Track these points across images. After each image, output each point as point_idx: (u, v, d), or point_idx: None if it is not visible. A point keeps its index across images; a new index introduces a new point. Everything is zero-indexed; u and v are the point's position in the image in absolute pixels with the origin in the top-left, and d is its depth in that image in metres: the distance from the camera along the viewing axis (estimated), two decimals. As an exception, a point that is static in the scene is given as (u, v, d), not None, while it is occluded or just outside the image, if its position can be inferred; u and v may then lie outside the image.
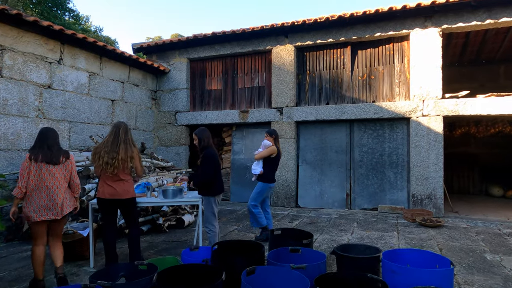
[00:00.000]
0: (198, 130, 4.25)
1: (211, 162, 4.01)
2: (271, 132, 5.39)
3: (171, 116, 8.97)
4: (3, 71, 5.53)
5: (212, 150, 4.11)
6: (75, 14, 25.86)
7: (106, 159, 3.66)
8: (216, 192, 4.11)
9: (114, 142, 3.73)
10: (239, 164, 8.52)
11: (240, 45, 8.25)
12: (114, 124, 3.86)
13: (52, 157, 3.37)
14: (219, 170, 4.15)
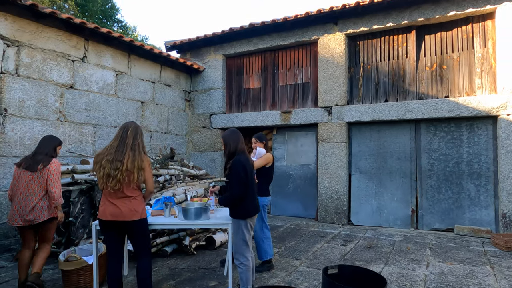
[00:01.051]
0: (226, 132, 3.32)
1: (240, 175, 3.04)
2: (261, 137, 4.38)
3: (206, 119, 8.18)
4: (19, 70, 5.01)
5: (243, 157, 3.14)
6: (123, 25, 26.63)
7: (108, 170, 2.82)
8: (247, 213, 3.12)
9: (119, 148, 2.89)
10: (281, 172, 7.49)
11: (281, 37, 7.25)
12: (121, 126, 3.03)
13: (33, 164, 3.38)
14: (252, 184, 3.16)
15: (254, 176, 3.24)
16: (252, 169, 3.24)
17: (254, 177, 3.24)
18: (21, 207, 3.31)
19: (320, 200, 6.78)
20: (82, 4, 21.39)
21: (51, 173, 3.36)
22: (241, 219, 3.11)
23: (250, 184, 3.13)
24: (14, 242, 4.90)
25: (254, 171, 3.28)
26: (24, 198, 3.32)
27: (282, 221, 6.88)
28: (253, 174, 3.23)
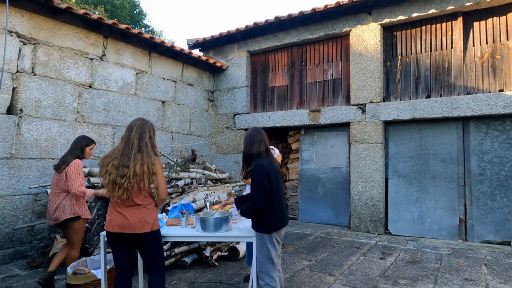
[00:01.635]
0: (248, 131, 2.86)
1: (262, 182, 2.57)
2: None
3: (229, 119, 7.79)
4: (36, 68, 4.81)
5: (266, 160, 2.67)
6: (150, 29, 27.04)
7: (114, 176, 2.44)
8: (272, 226, 2.65)
9: (126, 152, 2.50)
10: (309, 175, 6.96)
11: (309, 30, 6.75)
12: (128, 124, 2.64)
13: (60, 164, 3.54)
14: (278, 192, 2.68)
15: (280, 182, 2.75)
16: (278, 174, 2.75)
17: (280, 183, 2.75)
18: (50, 206, 3.51)
19: (353, 206, 6.19)
20: (111, 11, 21.82)
21: (68, 173, 3.43)
22: (265, 233, 2.65)
23: (275, 192, 2.65)
24: (30, 249, 4.69)
25: (280, 176, 2.80)
26: (52, 198, 3.52)
27: (312, 229, 6.35)
28: (279, 180, 2.74)
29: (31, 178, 4.73)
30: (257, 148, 2.71)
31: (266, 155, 2.73)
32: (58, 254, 3.62)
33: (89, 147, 3.74)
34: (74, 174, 3.41)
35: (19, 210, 4.61)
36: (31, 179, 4.73)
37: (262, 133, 2.79)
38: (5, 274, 4.10)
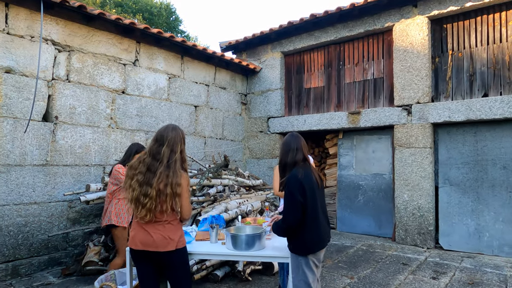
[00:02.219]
0: (285, 137, 2.57)
1: (294, 196, 2.28)
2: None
3: (263, 123, 7.52)
4: (70, 75, 4.83)
5: (302, 171, 2.37)
6: (186, 35, 27.65)
7: (137, 194, 2.23)
8: (307, 248, 2.34)
9: (151, 167, 2.26)
10: (348, 182, 6.51)
11: (348, 27, 6.32)
12: (156, 133, 2.40)
13: (111, 170, 3.74)
14: (315, 209, 2.35)
15: (318, 196, 2.40)
16: (316, 187, 2.41)
17: (318, 198, 2.39)
18: (103, 211, 3.75)
19: (398, 217, 5.67)
20: (149, 18, 22.50)
21: (112, 176, 3.64)
22: (300, 255, 2.33)
23: (310, 208, 2.32)
24: (64, 255, 4.69)
25: (319, 190, 2.46)
26: (105, 203, 3.75)
27: (352, 240, 5.90)
28: (317, 194, 2.38)
29: (65, 185, 4.74)
30: (293, 156, 2.43)
31: (303, 165, 2.43)
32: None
33: (138, 154, 3.67)
34: (112, 180, 3.67)
35: (54, 217, 4.63)
36: (66, 186, 4.74)
37: (300, 140, 2.51)
38: (39, 282, 4.10)
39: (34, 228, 4.44)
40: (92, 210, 5.00)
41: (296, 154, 2.44)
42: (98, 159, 5.10)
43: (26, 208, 4.36)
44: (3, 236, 4.18)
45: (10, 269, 4.19)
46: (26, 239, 4.37)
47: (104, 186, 4.60)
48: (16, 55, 4.31)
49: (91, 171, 5.03)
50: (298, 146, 2.46)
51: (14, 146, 4.26)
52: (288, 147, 2.47)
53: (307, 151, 2.55)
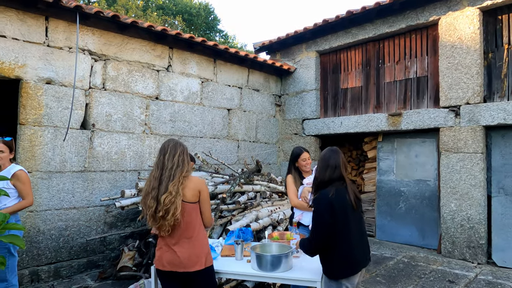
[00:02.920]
0: (323, 151, 2.44)
1: (322, 216, 2.18)
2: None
3: (298, 125, 7.31)
4: (106, 84, 4.97)
5: (331, 191, 2.22)
6: (224, 34, 27.99)
7: (154, 209, 2.19)
8: (340, 271, 2.19)
9: (163, 179, 2.22)
10: (388, 188, 6.13)
11: (388, 23, 5.91)
12: (160, 148, 2.35)
13: None
14: (346, 229, 2.20)
15: (351, 218, 2.24)
16: (351, 209, 2.25)
17: (351, 220, 2.24)
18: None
19: (444, 227, 5.22)
20: (188, 19, 23.03)
21: None
22: (330, 278, 2.19)
23: (342, 229, 2.18)
24: (102, 258, 4.85)
25: (354, 211, 2.28)
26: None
27: (392, 250, 5.54)
28: (350, 215, 2.24)
29: (103, 190, 4.89)
30: (330, 174, 2.31)
31: (339, 184, 2.29)
32: None
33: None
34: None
35: (92, 221, 4.80)
36: (103, 191, 4.90)
37: (340, 157, 2.37)
38: (78, 284, 4.26)
39: (73, 232, 4.63)
40: (127, 215, 5.13)
41: (333, 172, 2.31)
42: (133, 164, 5.22)
43: (66, 213, 4.56)
44: (46, 240, 4.39)
45: (52, 271, 4.40)
46: (67, 243, 4.57)
47: (138, 192, 4.68)
48: (56, 66, 4.49)
49: (127, 176, 5.15)
50: (337, 164, 2.32)
51: (55, 153, 4.46)
52: (326, 163, 2.34)
53: (346, 168, 2.40)
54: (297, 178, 3.37)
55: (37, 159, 4.32)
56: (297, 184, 3.34)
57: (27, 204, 3.16)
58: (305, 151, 3.38)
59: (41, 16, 4.37)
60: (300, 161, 3.35)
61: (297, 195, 3.27)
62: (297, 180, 3.35)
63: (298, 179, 3.36)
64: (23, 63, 4.23)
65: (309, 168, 3.36)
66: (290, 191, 3.31)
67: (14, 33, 4.18)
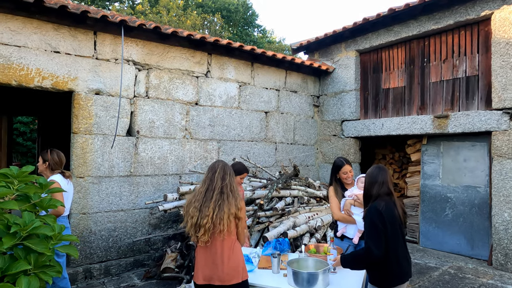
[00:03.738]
0: (371, 169, 2.56)
1: (376, 225, 2.29)
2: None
3: (336, 126, 7.17)
4: (149, 92, 5.20)
5: (381, 204, 2.33)
6: (262, 29, 28.05)
7: (196, 219, 2.31)
8: (391, 281, 2.33)
9: (208, 193, 2.37)
10: (434, 193, 5.84)
11: (434, 19, 5.58)
12: (209, 166, 2.52)
13: None
14: (395, 242, 2.31)
15: (398, 231, 2.36)
16: (397, 222, 2.36)
17: (398, 233, 2.35)
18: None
19: (496, 238, 4.89)
20: (227, 16, 23.36)
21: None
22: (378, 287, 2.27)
23: (391, 240, 2.29)
24: (147, 258, 5.13)
25: (401, 225, 2.40)
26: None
27: (437, 260, 5.29)
28: (397, 229, 2.35)
29: (147, 193, 5.16)
30: (378, 189, 2.43)
31: (387, 198, 2.39)
32: None
33: (240, 176, 3.60)
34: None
35: (138, 223, 5.08)
36: (147, 194, 5.16)
37: (387, 174, 2.49)
38: (126, 283, 4.55)
39: (121, 232, 4.93)
40: (170, 217, 5.36)
41: (381, 187, 2.43)
42: (175, 168, 5.43)
43: (114, 215, 4.87)
44: (97, 240, 4.73)
45: (103, 268, 4.74)
46: (115, 243, 4.89)
47: (180, 196, 4.88)
48: (103, 78, 4.78)
49: (169, 180, 5.38)
50: (385, 180, 2.45)
51: (104, 159, 4.76)
52: (374, 180, 2.46)
53: (392, 184, 2.51)
54: (338, 190, 3.33)
55: (88, 165, 4.64)
56: (339, 196, 3.31)
57: (53, 213, 3.09)
58: (347, 163, 3.31)
59: (90, 31, 4.65)
60: (341, 174, 3.30)
61: (339, 208, 3.24)
62: (339, 192, 3.32)
63: (340, 191, 3.32)
64: (75, 76, 4.55)
65: (350, 180, 3.31)
66: (332, 204, 3.31)
67: (67, 48, 4.50)
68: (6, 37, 4.09)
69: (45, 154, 3.38)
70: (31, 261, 2.08)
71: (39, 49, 4.30)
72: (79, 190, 4.55)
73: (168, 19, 17.94)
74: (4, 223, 2.06)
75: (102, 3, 19.94)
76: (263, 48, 22.84)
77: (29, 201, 2.42)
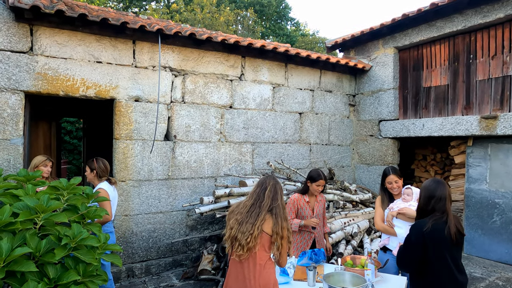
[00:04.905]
0: (427, 181, 2.46)
1: (409, 239, 2.35)
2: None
3: (373, 126, 6.94)
4: (185, 97, 5.32)
5: (428, 223, 2.28)
6: (295, 22, 27.73)
7: (235, 232, 2.34)
8: None
9: (253, 209, 2.38)
10: (480, 198, 5.51)
11: (481, 13, 5.21)
12: (258, 181, 2.52)
13: None
14: (438, 262, 2.26)
15: (449, 251, 2.28)
16: (447, 242, 2.27)
17: (448, 253, 2.28)
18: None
19: (551, 249, 4.54)
20: (260, 10, 23.32)
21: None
22: None
23: (432, 264, 2.27)
24: (185, 258, 5.30)
25: (455, 244, 2.31)
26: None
27: (483, 269, 5.01)
28: (445, 249, 2.27)
29: (184, 196, 5.31)
30: (434, 205, 2.33)
31: (439, 217, 2.29)
32: None
33: (315, 183, 3.52)
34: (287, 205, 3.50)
35: (175, 224, 5.26)
36: (184, 196, 5.31)
37: (446, 189, 2.35)
38: (165, 282, 4.74)
39: (160, 233, 5.13)
40: (206, 218, 5.49)
41: (437, 203, 2.32)
42: (210, 171, 5.54)
43: (154, 217, 5.07)
44: (138, 240, 4.95)
45: (144, 268, 4.96)
46: (155, 243, 5.09)
47: (215, 199, 4.98)
48: (142, 85, 4.95)
49: (205, 182, 5.50)
50: (443, 196, 2.32)
51: (144, 164, 4.96)
52: (431, 194, 2.35)
53: (450, 200, 2.39)
54: (385, 200, 3.25)
55: (129, 169, 4.85)
56: (384, 206, 3.23)
57: (99, 221, 3.16)
58: (393, 173, 3.18)
59: (129, 40, 4.83)
60: (387, 183, 3.21)
61: (382, 219, 3.17)
62: (385, 202, 3.24)
63: (386, 201, 3.24)
64: (116, 84, 4.75)
65: (397, 192, 3.19)
66: (376, 213, 3.26)
67: (108, 58, 4.70)
68: (54, 50, 4.35)
69: (92, 163, 3.57)
70: (80, 271, 2.22)
71: (83, 60, 4.54)
72: (121, 193, 4.77)
73: (202, 16, 18.17)
74: (56, 235, 2.20)
75: (139, 3, 20.59)
76: (296, 41, 22.59)
77: (77, 212, 2.58)
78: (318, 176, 3.48)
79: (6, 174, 3.94)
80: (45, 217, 2.19)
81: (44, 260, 2.02)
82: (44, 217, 2.20)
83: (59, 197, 2.61)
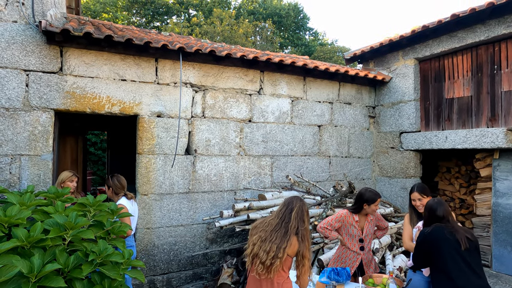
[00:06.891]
0: (429, 201, 2.80)
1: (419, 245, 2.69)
2: (427, 190, 3.22)
3: (394, 138, 6.84)
4: (205, 112, 5.44)
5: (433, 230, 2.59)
6: (314, 32, 27.81)
7: (257, 249, 2.37)
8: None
9: (277, 228, 2.41)
10: (508, 213, 5.30)
11: (505, 23, 5.10)
12: (284, 201, 2.55)
13: None
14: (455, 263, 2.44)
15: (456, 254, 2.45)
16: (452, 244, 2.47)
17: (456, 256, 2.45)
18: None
19: None
20: (278, 21, 23.58)
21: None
22: None
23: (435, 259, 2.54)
24: (205, 271, 5.34)
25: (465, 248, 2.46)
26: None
27: None
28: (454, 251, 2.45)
29: (204, 209, 5.38)
30: (436, 221, 2.65)
31: (444, 223, 2.60)
32: None
33: (374, 204, 3.24)
34: (331, 217, 3.44)
35: (196, 237, 5.32)
36: (204, 210, 5.38)
37: (445, 208, 2.66)
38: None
39: (181, 246, 5.20)
40: (226, 232, 5.53)
41: (439, 220, 2.63)
42: (230, 185, 5.60)
43: (175, 230, 5.15)
44: (160, 253, 5.04)
45: (165, 280, 5.03)
46: (176, 256, 5.17)
47: (235, 213, 5.02)
48: (164, 101, 5.10)
49: (224, 196, 5.56)
50: (445, 214, 2.63)
51: (165, 177, 5.08)
52: (433, 213, 2.67)
53: (451, 216, 2.69)
54: (413, 218, 3.19)
55: (152, 183, 4.98)
56: (413, 223, 3.17)
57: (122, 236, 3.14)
58: (417, 191, 3.12)
59: (152, 58, 5.01)
60: (412, 200, 3.17)
61: (411, 238, 3.11)
62: (413, 220, 3.18)
63: (415, 219, 3.17)
64: (139, 101, 4.93)
65: (422, 209, 3.07)
66: (404, 231, 3.23)
67: (132, 76, 4.89)
68: (81, 70, 4.58)
69: (108, 181, 3.76)
70: (106, 286, 2.30)
71: (108, 78, 4.74)
72: (144, 206, 4.89)
73: (221, 28, 18.55)
74: (83, 251, 2.30)
75: (161, 17, 21.26)
76: (315, 51, 22.62)
77: (103, 228, 2.68)
78: (376, 195, 3.24)
79: (36, 189, 4.14)
80: (73, 234, 2.29)
81: (72, 275, 2.11)
82: (72, 234, 2.30)
83: (86, 213, 2.73)
